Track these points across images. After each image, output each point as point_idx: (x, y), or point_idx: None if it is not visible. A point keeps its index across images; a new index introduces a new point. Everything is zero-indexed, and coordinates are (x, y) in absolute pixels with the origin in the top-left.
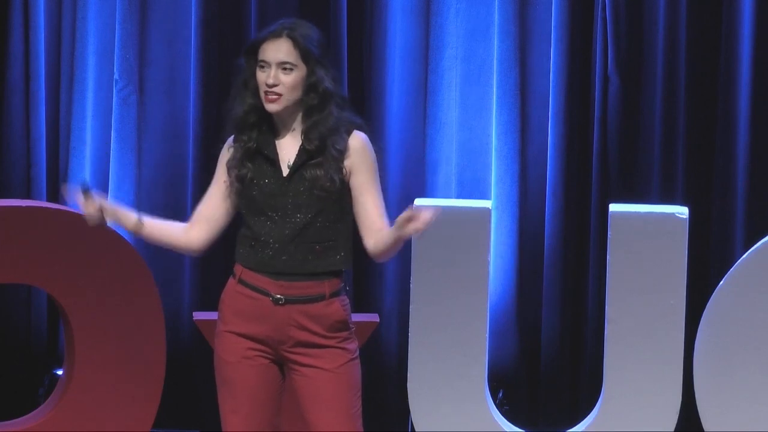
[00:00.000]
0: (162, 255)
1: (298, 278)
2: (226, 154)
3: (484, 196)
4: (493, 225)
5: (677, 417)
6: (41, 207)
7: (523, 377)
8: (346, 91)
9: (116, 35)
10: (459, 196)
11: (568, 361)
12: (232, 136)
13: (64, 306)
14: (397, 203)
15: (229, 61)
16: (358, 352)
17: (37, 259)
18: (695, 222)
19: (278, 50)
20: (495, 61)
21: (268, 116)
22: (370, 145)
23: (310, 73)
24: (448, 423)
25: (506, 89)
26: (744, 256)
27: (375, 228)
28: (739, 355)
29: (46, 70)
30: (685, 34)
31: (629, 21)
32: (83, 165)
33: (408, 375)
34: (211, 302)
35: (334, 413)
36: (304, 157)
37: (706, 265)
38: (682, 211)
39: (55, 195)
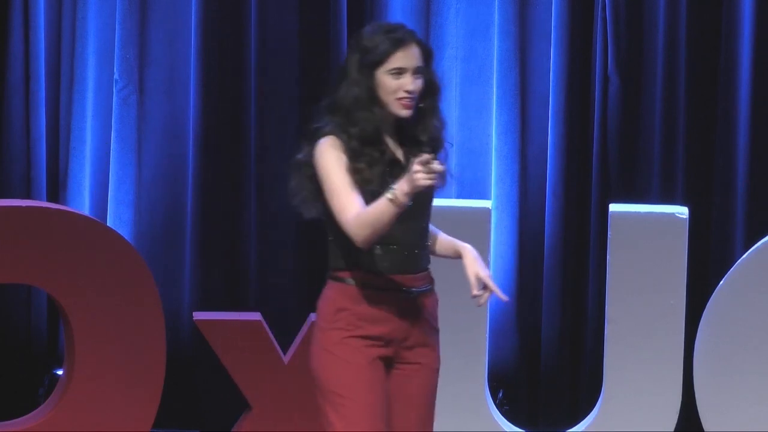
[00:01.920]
0: (162, 255)
1: (417, 272)
2: (337, 152)
3: (484, 196)
4: (493, 225)
5: (677, 417)
6: (41, 207)
7: (523, 377)
8: None
9: (116, 35)
10: (459, 196)
11: (568, 361)
12: (330, 137)
13: (64, 306)
14: None
15: (229, 61)
16: None
17: (37, 259)
18: (695, 222)
19: (413, 56)
20: (495, 61)
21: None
22: None
23: (429, 75)
24: (448, 423)
25: (506, 89)
26: (744, 256)
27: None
28: (739, 355)
29: (46, 70)
30: (685, 34)
31: (629, 21)
32: (83, 165)
33: None
34: (211, 302)
35: (425, 411)
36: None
37: (706, 265)
38: (682, 211)
39: (55, 195)
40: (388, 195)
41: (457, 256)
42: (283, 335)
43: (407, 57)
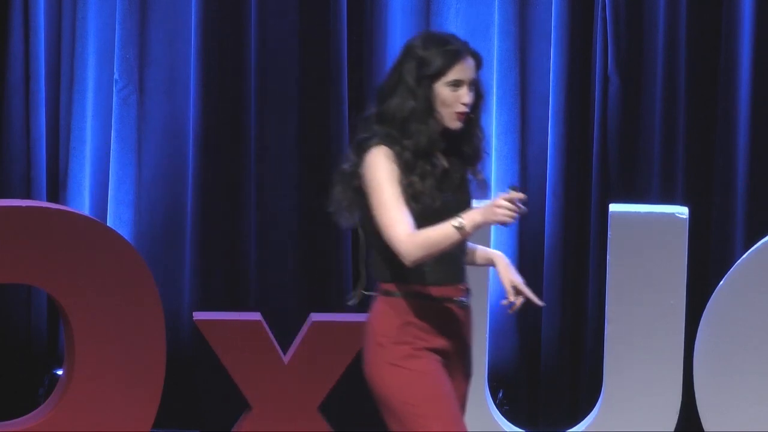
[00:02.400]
0: (162, 255)
1: (462, 282)
2: (391, 164)
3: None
4: (493, 225)
5: (677, 417)
6: (41, 207)
7: (523, 377)
8: (347, 91)
9: (116, 35)
10: None
11: (568, 361)
12: (383, 147)
13: (64, 306)
14: None
15: (229, 61)
16: None
17: (37, 259)
18: (695, 222)
19: (471, 69)
20: (495, 61)
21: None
22: None
23: (478, 86)
24: None
25: (506, 89)
26: (744, 256)
27: None
28: (739, 355)
29: (46, 70)
30: (685, 34)
31: (629, 21)
32: (83, 165)
33: None
34: (211, 302)
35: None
36: (464, 167)
37: (706, 265)
38: (682, 211)
39: (55, 195)
40: (455, 223)
41: (490, 264)
42: (283, 335)
43: (465, 69)
